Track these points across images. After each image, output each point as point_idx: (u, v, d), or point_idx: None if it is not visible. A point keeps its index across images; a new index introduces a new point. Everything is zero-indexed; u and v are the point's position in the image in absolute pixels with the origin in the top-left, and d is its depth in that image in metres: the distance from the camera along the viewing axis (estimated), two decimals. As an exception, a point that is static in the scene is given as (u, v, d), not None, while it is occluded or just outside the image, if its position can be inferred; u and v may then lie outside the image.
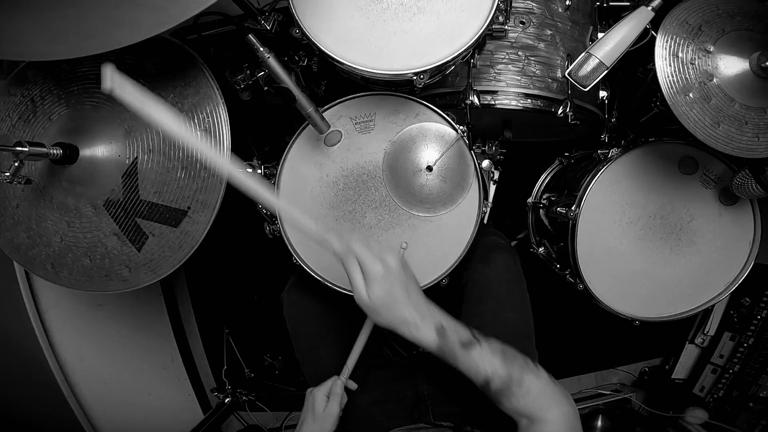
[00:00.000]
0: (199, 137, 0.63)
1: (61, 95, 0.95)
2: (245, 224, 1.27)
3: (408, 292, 0.69)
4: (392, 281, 0.67)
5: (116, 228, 0.94)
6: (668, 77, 0.89)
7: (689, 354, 1.57)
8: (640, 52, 0.95)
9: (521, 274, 1.06)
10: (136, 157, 0.91)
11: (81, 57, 0.73)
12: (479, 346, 0.70)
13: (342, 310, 1.06)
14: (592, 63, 0.89)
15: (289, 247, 1.03)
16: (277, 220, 1.03)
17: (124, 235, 0.94)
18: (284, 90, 0.88)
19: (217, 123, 0.90)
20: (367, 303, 0.67)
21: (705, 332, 1.51)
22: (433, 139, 1.01)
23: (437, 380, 1.00)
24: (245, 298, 1.83)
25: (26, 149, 0.79)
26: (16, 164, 0.80)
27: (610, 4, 1.08)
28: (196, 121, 0.91)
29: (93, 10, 0.74)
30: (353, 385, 0.95)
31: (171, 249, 0.93)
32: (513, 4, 1.02)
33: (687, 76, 0.89)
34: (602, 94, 1.15)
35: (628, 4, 1.06)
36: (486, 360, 0.70)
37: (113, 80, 0.53)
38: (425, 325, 0.69)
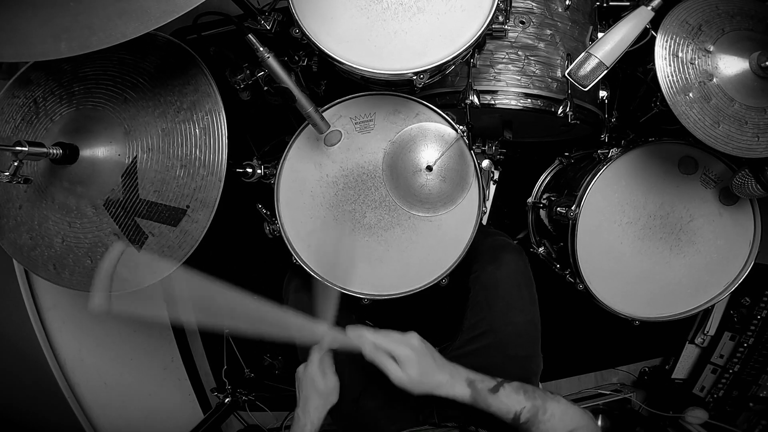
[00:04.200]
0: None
1: (63, 96, 0.96)
2: (245, 224, 1.27)
3: (435, 360, 0.80)
4: (421, 357, 0.78)
5: (116, 228, 0.94)
6: (668, 77, 0.89)
7: (689, 354, 1.57)
8: (640, 52, 0.95)
9: (531, 275, 1.06)
10: (136, 156, 0.91)
11: (82, 57, 0.72)
12: (503, 388, 0.80)
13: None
14: (591, 63, 0.89)
15: (289, 247, 1.03)
16: (276, 219, 1.03)
17: (124, 235, 0.94)
18: (284, 90, 0.88)
19: (216, 122, 0.91)
20: (407, 381, 0.77)
21: (705, 332, 1.51)
22: (432, 139, 1.01)
23: None
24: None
25: (25, 149, 0.79)
26: (16, 164, 0.80)
27: (610, 3, 1.08)
28: (194, 119, 0.91)
29: (98, 2, 0.71)
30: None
31: (171, 248, 0.93)
32: (513, 4, 1.01)
33: (687, 75, 0.89)
34: (602, 93, 1.15)
35: (628, 3, 1.06)
36: (512, 398, 0.79)
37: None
38: (457, 382, 0.80)
